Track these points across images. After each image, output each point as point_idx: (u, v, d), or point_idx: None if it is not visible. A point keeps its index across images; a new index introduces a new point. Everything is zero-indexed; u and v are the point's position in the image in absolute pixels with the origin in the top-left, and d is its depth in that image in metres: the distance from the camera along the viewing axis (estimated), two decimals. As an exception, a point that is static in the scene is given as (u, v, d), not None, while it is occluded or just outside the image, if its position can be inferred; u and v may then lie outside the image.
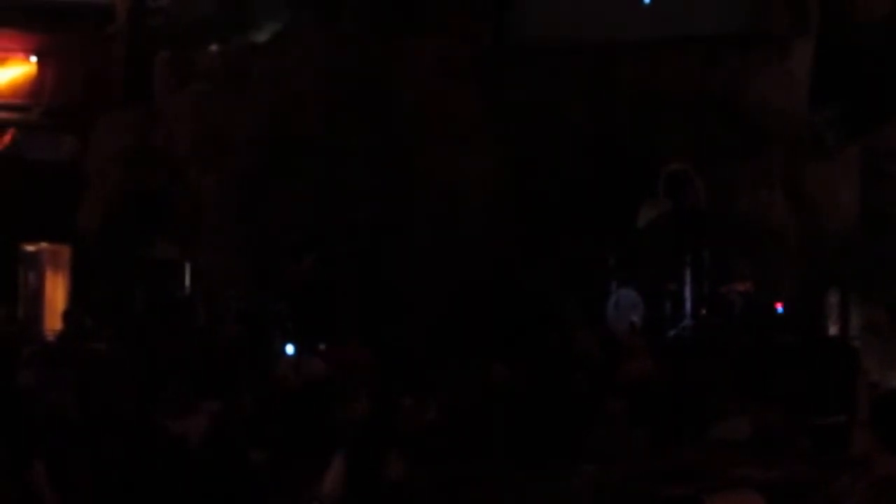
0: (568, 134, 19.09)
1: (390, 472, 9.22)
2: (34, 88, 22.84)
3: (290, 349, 15.98)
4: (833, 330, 17.86)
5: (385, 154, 19.17)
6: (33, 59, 22.77)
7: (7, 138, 23.17)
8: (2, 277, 20.98)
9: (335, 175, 19.17)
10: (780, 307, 17.70)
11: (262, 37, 20.73)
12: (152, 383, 12.41)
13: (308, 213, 19.22)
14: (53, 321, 20.54)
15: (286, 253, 19.33)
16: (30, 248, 22.65)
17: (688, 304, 17.72)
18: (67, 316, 17.95)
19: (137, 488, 9.24)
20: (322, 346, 15.55)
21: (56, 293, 22.55)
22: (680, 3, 18.99)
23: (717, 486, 8.69)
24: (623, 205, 18.96)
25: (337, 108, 19.25)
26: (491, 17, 19.88)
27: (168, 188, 20.26)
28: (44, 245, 22.77)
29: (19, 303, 21.41)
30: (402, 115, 19.21)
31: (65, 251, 22.34)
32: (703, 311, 17.78)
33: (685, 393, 13.83)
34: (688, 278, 17.71)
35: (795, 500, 8.52)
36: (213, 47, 20.67)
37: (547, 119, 19.10)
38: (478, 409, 12.00)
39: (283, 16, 20.69)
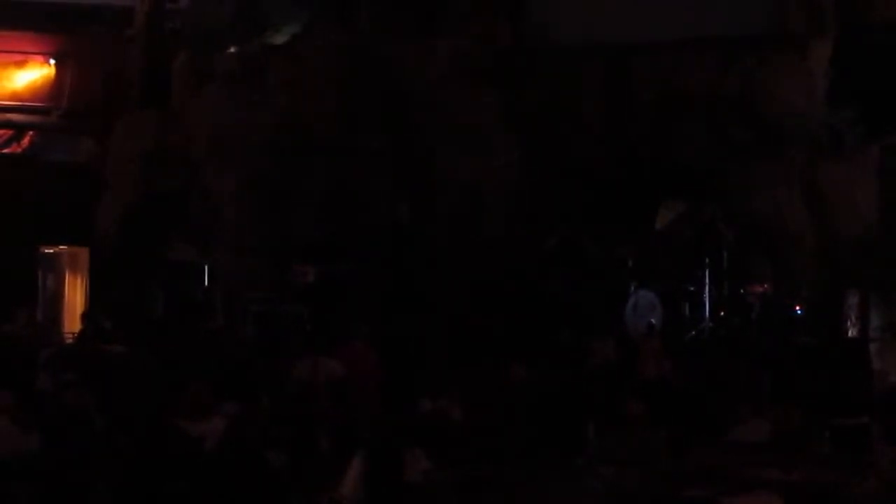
0: (586, 135, 19.07)
1: (410, 473, 9.23)
2: (53, 91, 22.88)
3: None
4: (852, 331, 17.82)
5: (403, 155, 19.18)
6: (52, 61, 22.82)
7: (26, 140, 23.21)
8: (21, 280, 21.01)
9: (353, 176, 19.18)
10: (799, 309, 17.67)
11: (279, 39, 20.75)
12: (171, 385, 12.43)
13: (326, 214, 19.23)
14: (72, 323, 20.59)
15: (304, 254, 19.36)
16: (49, 250, 22.70)
17: (706, 306, 17.70)
18: (86, 318, 17.96)
19: (156, 490, 9.25)
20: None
21: (75, 295, 22.60)
22: (698, 4, 18.95)
23: (736, 488, 8.68)
24: (641, 206, 18.95)
25: (355, 109, 19.26)
26: (509, 19, 19.87)
27: (186, 190, 20.27)
28: (62, 247, 22.82)
29: (38, 305, 21.43)
30: (420, 117, 19.21)
31: (83, 253, 22.37)
32: (722, 313, 17.76)
33: (704, 394, 13.83)
34: (706, 280, 17.68)
35: (814, 502, 8.51)
36: (231, 49, 20.68)
37: (565, 120, 19.08)
38: (497, 410, 12.01)
39: (301, 18, 20.70)
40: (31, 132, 23.29)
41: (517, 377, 13.31)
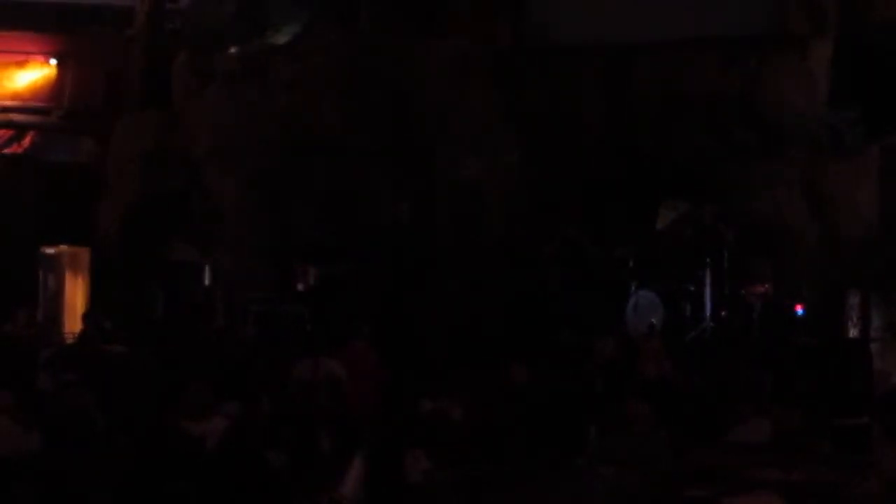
0: (586, 135, 19.07)
1: (411, 474, 9.23)
2: (54, 91, 22.88)
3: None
4: (853, 331, 17.81)
5: (405, 155, 19.18)
6: (53, 61, 22.82)
7: (27, 141, 23.22)
8: (22, 280, 20.99)
9: (353, 176, 19.19)
10: (800, 309, 17.66)
11: (280, 39, 20.75)
12: (171, 385, 12.43)
13: (326, 214, 19.24)
14: (73, 323, 20.55)
15: (305, 255, 19.37)
16: (49, 250, 22.65)
17: (707, 306, 17.69)
18: (86, 318, 17.96)
19: (156, 490, 9.25)
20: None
21: (75, 296, 22.55)
22: (698, 5, 18.95)
23: (737, 489, 8.68)
24: (641, 206, 18.95)
25: (356, 109, 19.26)
26: (509, 18, 19.87)
27: (187, 190, 20.29)
28: (63, 248, 22.77)
29: (39, 305, 21.42)
30: (421, 117, 19.22)
31: (84, 254, 22.34)
32: (723, 313, 17.74)
33: (704, 394, 13.82)
34: (707, 280, 17.67)
35: (816, 502, 8.51)
36: (232, 49, 20.69)
37: (566, 120, 19.08)
38: (497, 410, 12.00)
39: (302, 18, 20.70)
40: (31, 132, 23.29)
41: (517, 377, 13.30)
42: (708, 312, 17.68)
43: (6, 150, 22.92)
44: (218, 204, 19.97)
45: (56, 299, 22.41)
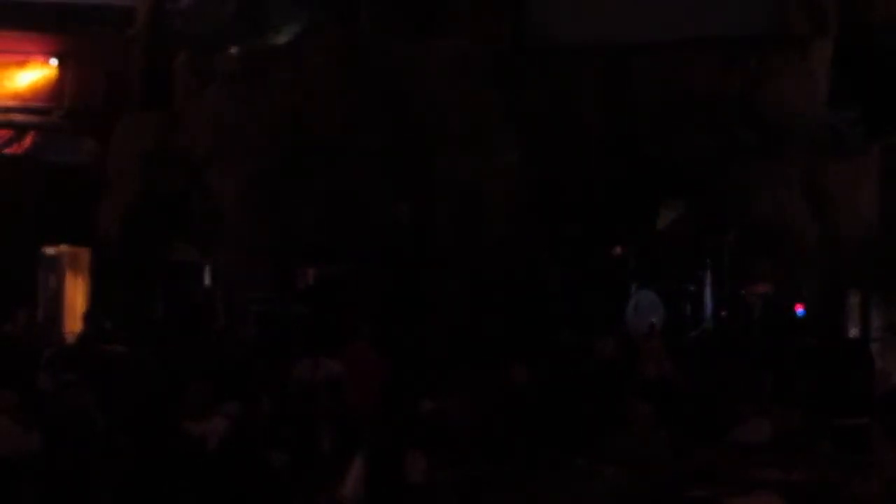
0: (587, 135, 19.07)
1: (411, 474, 9.23)
2: (54, 91, 22.87)
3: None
4: (854, 331, 17.81)
5: (405, 155, 19.18)
6: (54, 61, 22.81)
7: (27, 141, 23.21)
8: (22, 280, 20.97)
9: (354, 176, 19.18)
10: (800, 309, 17.66)
11: (281, 39, 20.76)
12: (171, 385, 12.43)
13: (327, 214, 19.23)
14: (73, 324, 20.55)
15: (305, 255, 19.36)
16: (50, 250, 22.65)
17: (708, 306, 17.69)
18: (87, 318, 17.97)
19: (157, 490, 9.25)
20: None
21: (76, 296, 22.56)
22: (698, 5, 18.96)
23: (737, 489, 8.68)
24: (643, 206, 18.95)
25: (356, 109, 19.26)
26: (509, 18, 19.88)
27: (188, 190, 20.28)
28: (64, 248, 22.77)
29: (39, 305, 21.42)
30: (420, 117, 19.22)
31: (85, 254, 22.34)
32: (723, 313, 17.74)
33: (705, 395, 13.82)
34: (707, 280, 17.67)
35: (816, 502, 8.51)
36: (232, 49, 20.69)
37: (566, 120, 19.08)
38: (498, 411, 12.00)
39: (301, 18, 20.72)
40: (32, 132, 23.28)
41: (517, 377, 13.31)
42: (708, 312, 17.68)
43: (6, 150, 22.90)
44: (218, 204, 19.96)
45: (56, 299, 22.41)
